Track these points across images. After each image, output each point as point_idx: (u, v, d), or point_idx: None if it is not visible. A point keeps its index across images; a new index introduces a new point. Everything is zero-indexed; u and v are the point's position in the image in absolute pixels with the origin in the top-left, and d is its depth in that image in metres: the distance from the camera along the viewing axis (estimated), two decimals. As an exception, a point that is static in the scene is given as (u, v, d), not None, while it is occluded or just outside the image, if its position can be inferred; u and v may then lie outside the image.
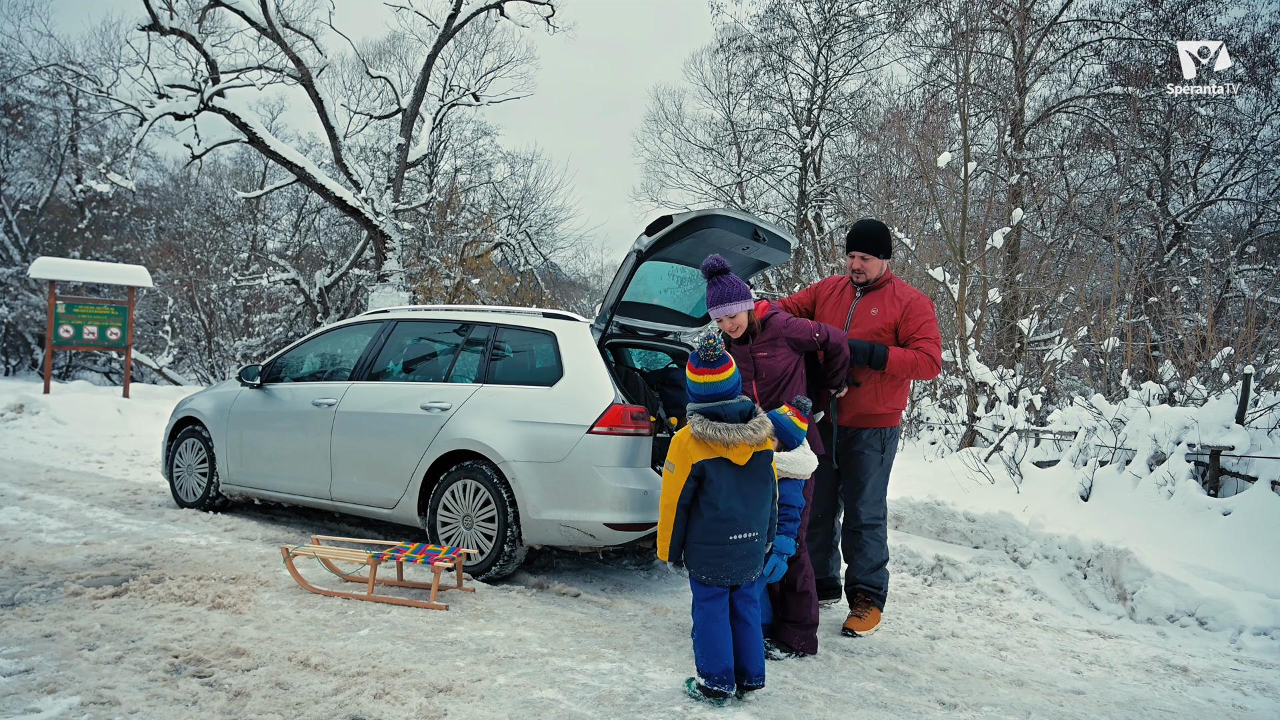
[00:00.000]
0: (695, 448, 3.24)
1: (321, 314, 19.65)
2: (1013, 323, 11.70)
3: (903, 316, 4.27)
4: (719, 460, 3.23)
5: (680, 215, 4.57)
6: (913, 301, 4.29)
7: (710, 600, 3.29)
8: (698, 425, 3.22)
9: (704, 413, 3.26)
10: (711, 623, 3.26)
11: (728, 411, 3.27)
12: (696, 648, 3.30)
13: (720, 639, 3.24)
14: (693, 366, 3.33)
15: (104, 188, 13.65)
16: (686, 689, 3.32)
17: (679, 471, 3.23)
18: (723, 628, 3.27)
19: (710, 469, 3.23)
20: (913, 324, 4.25)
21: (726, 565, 3.26)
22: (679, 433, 3.30)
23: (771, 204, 23.15)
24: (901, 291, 4.35)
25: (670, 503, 3.25)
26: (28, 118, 22.37)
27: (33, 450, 9.34)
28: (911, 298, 4.32)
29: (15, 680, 3.08)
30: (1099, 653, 4.17)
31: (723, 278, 3.92)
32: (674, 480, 3.25)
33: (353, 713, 2.97)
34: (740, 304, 3.91)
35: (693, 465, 3.22)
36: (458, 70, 22.44)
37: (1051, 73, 16.24)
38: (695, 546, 3.26)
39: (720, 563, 3.25)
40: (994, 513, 5.67)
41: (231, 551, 5.23)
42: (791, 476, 3.64)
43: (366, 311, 6.66)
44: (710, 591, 3.29)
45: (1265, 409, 5.82)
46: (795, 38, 21.61)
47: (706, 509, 3.24)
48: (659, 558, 3.30)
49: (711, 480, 3.23)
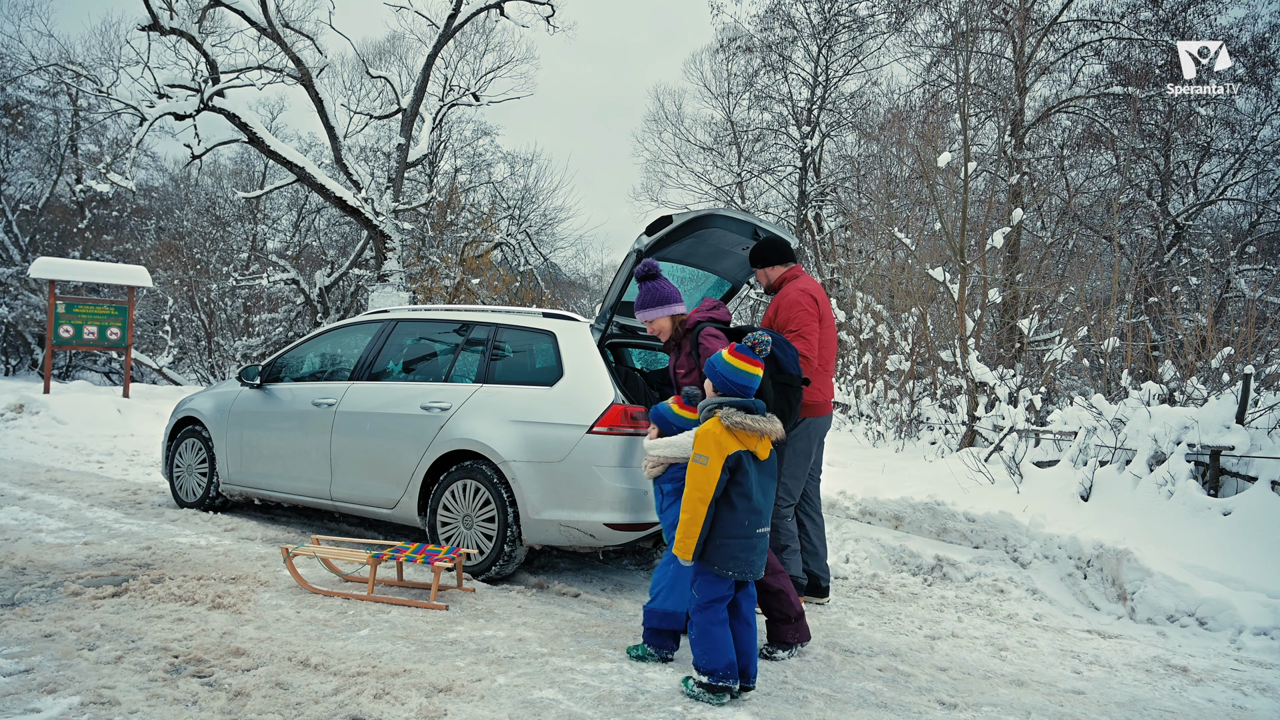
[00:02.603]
0: (728, 439, 3.21)
1: (321, 314, 19.66)
2: (1013, 323, 11.70)
3: (776, 315, 4.55)
4: (749, 453, 3.24)
5: (680, 215, 4.58)
6: (782, 303, 4.56)
7: (718, 601, 3.27)
8: (735, 416, 3.21)
9: (736, 405, 3.26)
10: (716, 624, 3.26)
11: (758, 405, 3.29)
12: (696, 646, 3.28)
13: (723, 638, 3.24)
14: (736, 352, 3.33)
15: (104, 188, 13.64)
16: (684, 688, 3.31)
17: (713, 464, 3.17)
18: (725, 627, 3.27)
19: (744, 460, 3.23)
20: (780, 320, 4.54)
21: (751, 559, 3.25)
22: (706, 425, 3.25)
23: (771, 204, 23.16)
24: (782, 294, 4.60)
25: (704, 496, 3.17)
26: (28, 118, 22.38)
27: (33, 450, 9.34)
28: (781, 300, 4.57)
29: (15, 680, 3.08)
30: (1099, 653, 4.17)
31: (647, 283, 4.04)
32: (707, 473, 3.17)
33: (353, 713, 2.97)
34: (656, 310, 4.03)
35: (728, 457, 3.19)
36: (458, 70, 22.47)
37: (1051, 73, 16.25)
38: (724, 541, 3.22)
39: (747, 556, 3.24)
40: (994, 513, 5.67)
41: (231, 551, 5.23)
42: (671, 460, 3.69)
43: (366, 311, 6.66)
44: (719, 591, 3.27)
45: (1265, 409, 5.82)
46: (795, 38, 21.61)
47: (739, 500, 3.22)
48: (680, 557, 3.20)
49: (745, 472, 3.22)
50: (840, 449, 9.27)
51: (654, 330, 4.13)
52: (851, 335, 12.44)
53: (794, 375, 4.00)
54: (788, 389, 3.97)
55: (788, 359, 4.01)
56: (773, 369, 3.99)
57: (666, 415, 3.71)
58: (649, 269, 4.05)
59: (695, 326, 4.04)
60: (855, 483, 6.82)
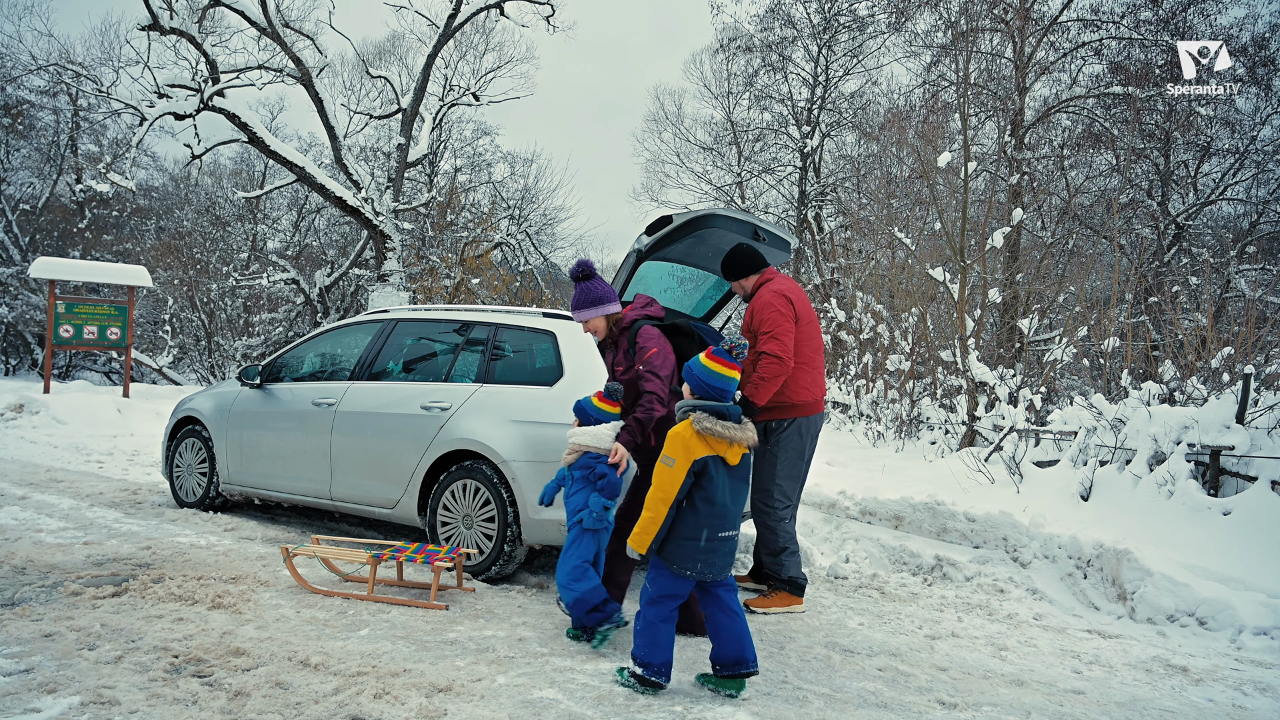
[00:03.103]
0: (697, 444, 3.25)
1: (321, 314, 19.65)
2: (1013, 323, 11.70)
3: (752, 320, 4.60)
4: (717, 458, 3.27)
5: (680, 215, 4.58)
6: (755, 306, 4.61)
7: (670, 598, 3.33)
8: (705, 421, 3.24)
9: (709, 410, 3.28)
10: (664, 620, 3.32)
11: (732, 411, 3.31)
12: (639, 637, 3.32)
13: (667, 635, 3.32)
14: (713, 355, 3.35)
15: (104, 187, 13.64)
16: (618, 677, 3.37)
17: (679, 466, 3.23)
18: (671, 626, 3.34)
19: (710, 466, 3.26)
20: (755, 324, 4.56)
21: (712, 560, 3.29)
22: (677, 428, 3.30)
23: (771, 204, 23.16)
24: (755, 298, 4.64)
25: (666, 497, 3.24)
26: (28, 118, 22.37)
27: (33, 450, 9.34)
28: (754, 304, 4.62)
29: (15, 680, 3.08)
30: (1099, 653, 4.17)
31: (581, 283, 4.12)
32: (672, 475, 3.24)
33: (353, 712, 2.97)
34: (591, 310, 4.10)
35: (694, 461, 3.23)
36: (458, 70, 22.46)
37: (1051, 73, 16.24)
38: (683, 542, 3.27)
39: (707, 558, 3.28)
40: (994, 513, 5.67)
41: (231, 551, 5.23)
42: (586, 449, 3.86)
43: (366, 311, 6.66)
44: (674, 589, 3.32)
45: (1265, 409, 5.82)
46: (795, 37, 21.61)
47: (702, 505, 3.26)
48: (634, 549, 3.29)
49: (711, 478, 3.26)
50: (840, 449, 9.27)
51: (589, 329, 4.20)
52: (851, 335, 12.44)
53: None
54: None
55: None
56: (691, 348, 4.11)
57: (586, 408, 3.92)
58: (583, 269, 4.13)
59: (632, 325, 4.10)
60: (855, 483, 6.82)
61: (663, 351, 4.01)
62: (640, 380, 3.96)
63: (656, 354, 3.98)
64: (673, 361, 4.07)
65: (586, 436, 3.84)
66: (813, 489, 6.42)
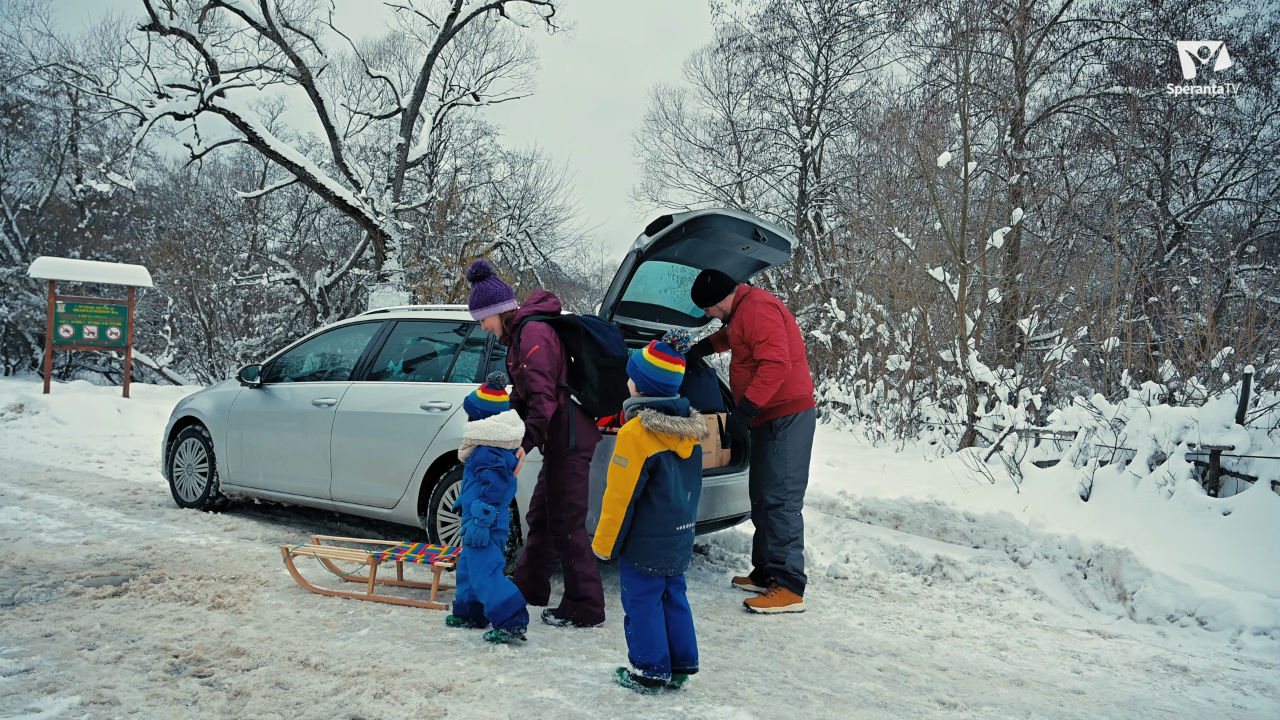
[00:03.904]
0: (648, 441, 3.24)
1: (321, 314, 19.65)
2: (1013, 323, 11.71)
3: (744, 331, 4.77)
4: (669, 453, 3.27)
5: (680, 215, 4.57)
6: (745, 316, 4.79)
7: (650, 594, 3.33)
8: (654, 419, 3.23)
9: (657, 406, 3.28)
10: (651, 615, 3.32)
11: (679, 406, 3.32)
12: (633, 641, 3.32)
13: (658, 630, 3.31)
14: (656, 351, 3.35)
15: (104, 187, 13.64)
16: (619, 679, 3.36)
17: (632, 466, 3.22)
18: (659, 619, 3.33)
19: (663, 461, 3.26)
20: (748, 334, 4.75)
21: (672, 556, 3.30)
22: (627, 427, 3.29)
23: (771, 204, 23.16)
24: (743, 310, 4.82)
25: (623, 497, 3.23)
26: (28, 117, 22.38)
27: (33, 450, 9.34)
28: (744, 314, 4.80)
29: (15, 680, 3.08)
30: (1099, 652, 4.17)
31: (477, 284, 4.19)
32: (626, 475, 3.23)
33: (353, 712, 2.97)
34: (484, 310, 4.18)
35: (646, 459, 3.23)
36: (458, 70, 22.47)
37: (1051, 72, 16.25)
38: (644, 540, 3.27)
39: (668, 554, 3.29)
40: (994, 512, 5.67)
41: (231, 551, 5.23)
42: (479, 442, 3.86)
43: (366, 311, 6.66)
44: (651, 585, 3.32)
45: (1265, 409, 5.82)
46: (795, 37, 21.61)
47: (658, 501, 3.26)
48: (599, 553, 3.29)
49: (665, 473, 3.26)
50: (840, 449, 9.28)
51: (486, 329, 4.30)
52: (851, 335, 12.45)
53: (617, 358, 4.13)
54: (611, 371, 4.10)
55: (609, 342, 4.14)
56: (595, 352, 4.12)
57: (472, 400, 3.93)
58: (478, 270, 4.20)
59: (520, 322, 4.16)
60: (855, 482, 6.82)
61: (545, 348, 4.05)
62: (526, 380, 4.02)
63: (538, 350, 4.03)
64: (558, 355, 4.12)
65: (477, 431, 3.86)
66: (813, 489, 6.41)
